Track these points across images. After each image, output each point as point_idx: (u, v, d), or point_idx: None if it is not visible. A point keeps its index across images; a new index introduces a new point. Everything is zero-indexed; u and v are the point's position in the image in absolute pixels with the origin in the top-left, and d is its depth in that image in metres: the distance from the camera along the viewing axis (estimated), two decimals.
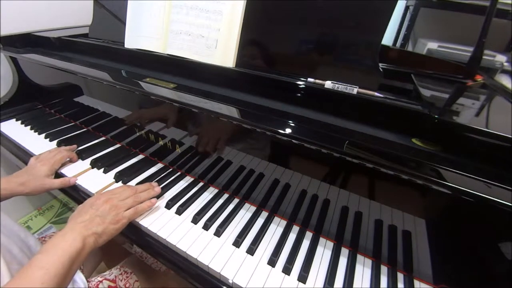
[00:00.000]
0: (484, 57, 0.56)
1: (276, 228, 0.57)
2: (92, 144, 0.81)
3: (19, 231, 0.56)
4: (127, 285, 0.64)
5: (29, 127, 0.88)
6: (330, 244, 0.54)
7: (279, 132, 0.46)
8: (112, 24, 0.84)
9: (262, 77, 0.58)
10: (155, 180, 0.67)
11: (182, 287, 0.55)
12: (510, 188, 0.34)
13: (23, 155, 0.79)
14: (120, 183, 0.67)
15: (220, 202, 0.62)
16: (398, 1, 0.50)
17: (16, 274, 0.41)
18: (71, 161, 0.73)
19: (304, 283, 0.47)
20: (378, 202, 0.47)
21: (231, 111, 0.52)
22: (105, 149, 0.78)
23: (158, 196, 0.61)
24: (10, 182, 0.61)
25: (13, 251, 0.50)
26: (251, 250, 0.51)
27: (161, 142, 0.71)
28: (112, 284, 0.62)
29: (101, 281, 0.62)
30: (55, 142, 0.81)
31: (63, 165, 0.72)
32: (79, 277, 0.60)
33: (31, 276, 0.41)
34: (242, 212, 0.60)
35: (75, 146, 0.77)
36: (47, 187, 0.64)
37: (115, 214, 0.52)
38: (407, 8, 0.95)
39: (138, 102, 0.70)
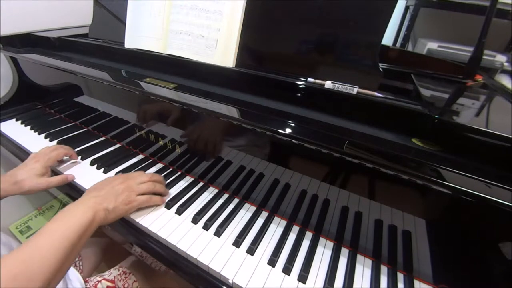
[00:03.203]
0: (484, 57, 0.56)
1: (276, 228, 0.57)
2: (92, 144, 0.81)
3: (3, 237, 0.56)
4: (125, 286, 0.64)
5: (29, 127, 0.88)
6: (330, 244, 0.54)
7: (279, 132, 0.46)
8: (112, 24, 0.84)
9: (262, 77, 0.58)
10: None
11: (182, 287, 0.55)
12: (510, 188, 0.34)
13: (23, 155, 0.79)
14: None
15: (220, 202, 0.62)
16: (398, 1, 0.50)
17: (25, 241, 0.42)
18: (71, 157, 0.73)
19: (304, 283, 0.47)
20: (378, 202, 0.47)
21: (231, 111, 0.52)
22: (105, 149, 0.78)
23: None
24: (4, 182, 0.60)
25: None
26: (251, 250, 0.51)
27: (161, 142, 0.71)
28: (111, 285, 0.62)
29: (99, 281, 0.62)
30: (55, 142, 0.81)
31: (64, 166, 0.72)
32: (76, 277, 0.60)
33: (41, 241, 0.41)
34: (242, 212, 0.60)
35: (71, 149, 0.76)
36: (43, 186, 0.62)
37: (128, 195, 0.54)
38: (407, 8, 0.95)
39: (138, 102, 0.70)
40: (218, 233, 0.54)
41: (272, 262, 0.50)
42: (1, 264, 0.37)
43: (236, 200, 0.63)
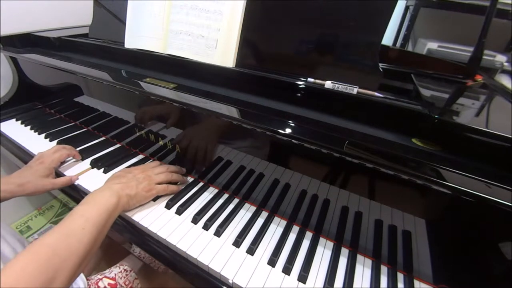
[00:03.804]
0: (484, 57, 0.56)
1: (276, 228, 0.57)
2: (92, 144, 0.81)
3: (15, 233, 0.56)
4: (126, 283, 0.64)
5: (29, 127, 0.88)
6: (330, 244, 0.54)
7: (279, 132, 0.46)
8: (112, 24, 0.84)
9: (262, 77, 0.58)
10: None
11: (182, 286, 0.55)
12: (510, 188, 0.34)
13: (23, 155, 0.79)
14: None
15: (220, 202, 0.62)
16: (398, 1, 0.50)
17: (59, 222, 0.45)
18: (74, 157, 0.73)
19: (304, 283, 0.47)
20: (378, 202, 0.47)
21: (231, 111, 0.52)
22: (105, 149, 0.78)
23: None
24: (9, 184, 0.60)
25: (5, 252, 0.50)
26: (251, 250, 0.51)
27: (161, 142, 0.71)
28: (112, 282, 0.62)
29: (101, 279, 0.62)
30: (55, 142, 0.81)
31: (64, 165, 0.72)
32: (80, 277, 0.59)
33: (73, 222, 0.45)
34: (242, 212, 0.60)
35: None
36: (48, 188, 0.63)
37: (148, 183, 0.58)
38: (407, 8, 0.95)
39: (138, 102, 0.70)
40: (218, 233, 0.54)
41: (272, 262, 0.50)
42: (42, 239, 0.41)
43: (236, 200, 0.63)
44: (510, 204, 0.33)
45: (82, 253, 0.42)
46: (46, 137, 0.83)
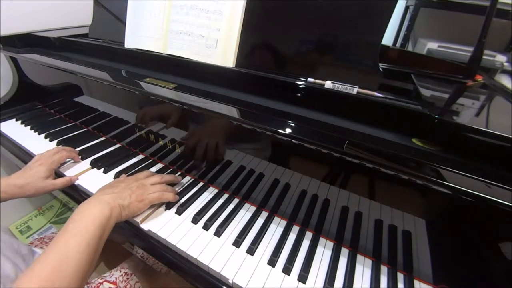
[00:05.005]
0: (484, 57, 0.56)
1: (276, 228, 0.57)
2: (92, 144, 0.81)
3: (12, 242, 0.56)
4: (128, 287, 0.64)
5: (29, 127, 0.88)
6: (330, 244, 0.54)
7: (279, 132, 0.46)
8: (112, 24, 0.84)
9: (262, 77, 0.58)
10: None
11: (182, 287, 0.55)
12: (510, 188, 0.34)
13: (23, 155, 0.79)
14: None
15: (220, 202, 0.62)
16: (398, 1, 0.50)
17: (51, 242, 0.43)
18: (73, 159, 0.73)
19: (304, 283, 0.47)
20: (378, 202, 0.47)
21: (231, 111, 0.52)
22: (105, 149, 0.78)
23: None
24: (9, 185, 0.60)
25: (6, 270, 0.50)
26: (251, 250, 0.51)
27: (161, 142, 0.71)
28: (113, 286, 0.62)
29: (101, 283, 0.61)
30: (55, 142, 0.81)
31: (64, 166, 0.72)
32: None
33: (67, 242, 0.42)
34: (242, 212, 0.60)
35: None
36: (49, 189, 0.63)
37: (141, 193, 0.56)
38: (407, 8, 0.95)
39: (138, 102, 0.70)
40: (218, 233, 0.54)
41: (272, 262, 0.50)
42: (41, 265, 0.39)
43: (236, 200, 0.63)
44: (510, 204, 0.33)
45: (82, 273, 0.41)
46: (46, 137, 0.83)
